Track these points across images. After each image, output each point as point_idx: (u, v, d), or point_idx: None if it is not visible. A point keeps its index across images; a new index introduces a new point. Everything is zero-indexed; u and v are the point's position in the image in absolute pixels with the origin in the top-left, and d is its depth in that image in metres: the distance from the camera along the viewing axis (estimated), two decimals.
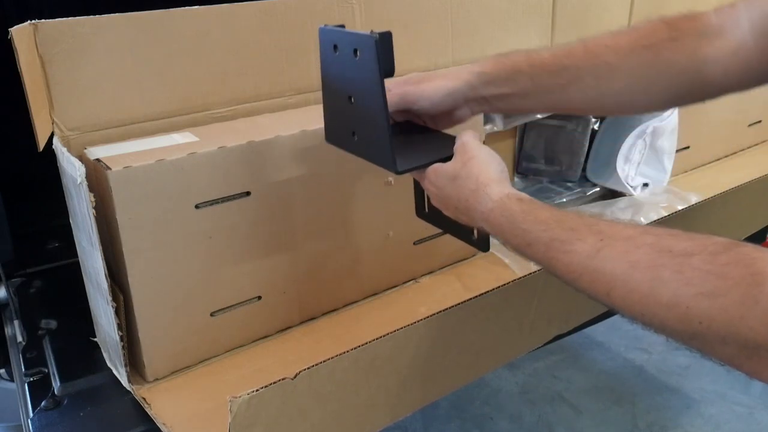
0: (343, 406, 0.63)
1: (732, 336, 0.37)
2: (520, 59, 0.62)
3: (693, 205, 0.95)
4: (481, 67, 0.63)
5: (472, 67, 0.63)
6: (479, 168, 0.57)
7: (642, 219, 0.93)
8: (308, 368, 0.58)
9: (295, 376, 0.57)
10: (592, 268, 0.44)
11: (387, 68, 0.54)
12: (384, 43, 0.53)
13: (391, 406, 0.67)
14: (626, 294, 0.42)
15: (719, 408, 1.79)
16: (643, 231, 0.43)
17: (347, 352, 0.61)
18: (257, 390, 0.54)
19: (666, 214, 0.94)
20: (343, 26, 0.57)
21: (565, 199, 1.03)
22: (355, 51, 0.54)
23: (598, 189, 1.07)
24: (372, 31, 0.53)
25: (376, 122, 0.56)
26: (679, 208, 0.96)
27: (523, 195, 0.53)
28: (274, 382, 0.56)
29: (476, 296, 0.67)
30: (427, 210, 0.66)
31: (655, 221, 0.91)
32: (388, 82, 0.58)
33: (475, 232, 0.61)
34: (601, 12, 1.13)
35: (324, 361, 0.59)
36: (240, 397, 0.53)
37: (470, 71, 0.62)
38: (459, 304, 0.65)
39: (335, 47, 0.57)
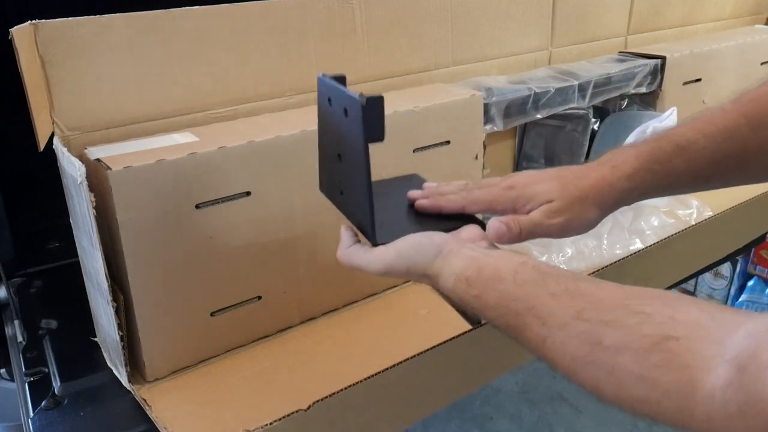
0: (349, 426, 0.63)
1: None
2: (673, 154, 0.55)
3: (704, 221, 0.95)
4: (632, 183, 0.55)
5: (622, 181, 0.55)
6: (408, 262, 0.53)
7: (642, 223, 0.93)
8: (322, 399, 0.58)
9: (308, 408, 0.57)
10: (545, 356, 0.43)
11: (372, 134, 0.50)
12: (372, 108, 0.49)
13: (393, 421, 0.68)
14: (581, 383, 0.41)
15: None
16: (576, 314, 0.41)
17: (360, 382, 0.61)
18: (271, 423, 0.55)
19: (668, 220, 0.94)
20: (343, 77, 0.54)
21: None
22: (345, 110, 0.52)
23: None
24: (361, 94, 0.49)
25: (360, 187, 0.53)
26: (679, 212, 0.96)
27: (470, 275, 0.48)
28: (288, 415, 0.57)
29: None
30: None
31: (656, 225, 0.91)
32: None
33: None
34: (601, 12, 1.13)
35: (338, 392, 0.59)
36: (254, 430, 0.53)
37: (622, 190, 0.55)
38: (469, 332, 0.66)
39: (329, 100, 0.55)
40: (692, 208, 0.97)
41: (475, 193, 0.58)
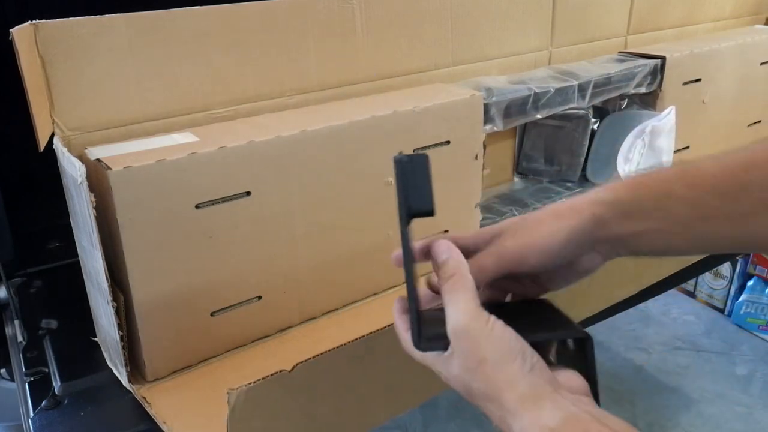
0: (341, 400, 0.63)
1: None
2: (669, 178, 0.44)
3: None
4: (612, 193, 0.45)
5: (595, 195, 0.45)
6: (488, 377, 0.40)
7: None
8: (305, 361, 0.58)
9: (292, 369, 0.57)
10: None
11: (416, 205, 0.41)
12: (411, 166, 0.41)
13: (390, 401, 0.67)
14: None
15: (719, 408, 1.79)
16: None
17: (344, 345, 0.61)
18: (255, 382, 0.54)
19: None
20: (426, 156, 0.42)
21: (564, 199, 1.03)
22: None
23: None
24: (401, 153, 0.41)
25: (406, 279, 0.43)
26: None
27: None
28: (272, 375, 0.56)
29: None
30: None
31: None
32: (474, 239, 0.46)
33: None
34: (601, 12, 1.13)
35: (321, 354, 0.59)
36: (238, 389, 0.53)
37: (595, 202, 0.45)
38: None
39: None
40: None
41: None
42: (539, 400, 0.37)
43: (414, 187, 0.42)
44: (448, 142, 0.80)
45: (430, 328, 0.43)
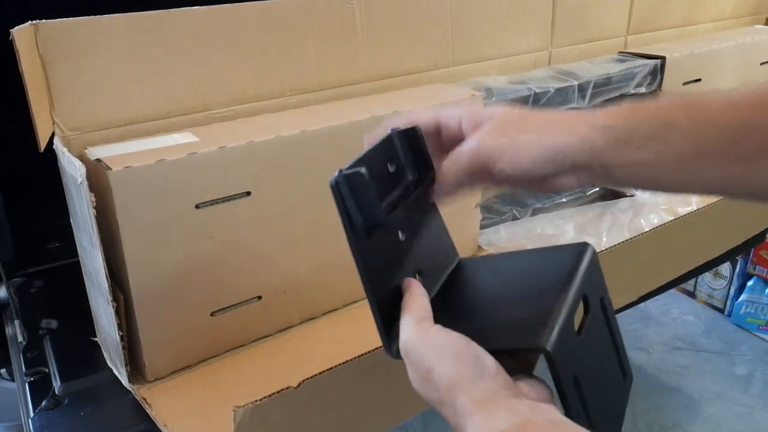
0: (346, 412, 0.63)
1: None
2: (672, 107, 0.40)
3: (695, 210, 0.95)
4: (608, 118, 0.42)
5: (593, 117, 0.42)
6: (438, 385, 0.39)
7: (642, 221, 0.93)
8: (312, 377, 0.58)
9: (298, 385, 0.57)
10: None
11: (366, 219, 0.42)
12: (348, 185, 0.41)
13: (392, 409, 0.67)
14: None
15: (719, 408, 1.79)
16: None
17: (350, 360, 0.61)
18: (260, 399, 0.54)
19: (666, 217, 0.94)
20: (359, 173, 0.42)
21: (564, 200, 1.03)
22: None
23: (598, 189, 1.07)
24: (340, 171, 0.42)
25: (366, 295, 0.44)
26: (680, 209, 0.96)
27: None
28: (278, 392, 0.56)
29: None
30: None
31: (657, 225, 0.91)
32: (462, 120, 0.45)
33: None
34: (601, 12, 1.13)
35: (328, 370, 0.59)
36: (243, 406, 0.53)
37: (590, 123, 0.42)
38: None
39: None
40: (692, 206, 0.97)
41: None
42: (491, 404, 0.37)
43: (357, 203, 0.42)
44: None
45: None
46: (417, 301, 0.44)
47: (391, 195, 0.46)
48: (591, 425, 0.41)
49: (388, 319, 0.44)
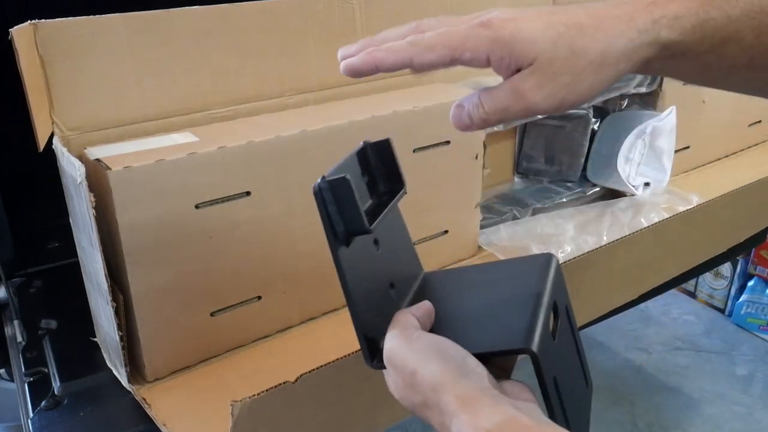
0: (345, 408, 0.63)
1: None
2: (741, 18, 0.37)
3: (694, 207, 0.95)
4: (672, 31, 0.37)
5: (654, 30, 0.38)
6: (422, 387, 0.39)
7: (642, 220, 0.93)
8: (309, 372, 0.58)
9: (296, 380, 0.57)
10: None
11: (348, 227, 0.41)
12: (331, 191, 0.41)
13: (392, 407, 0.67)
14: None
15: (719, 408, 1.79)
16: None
17: (348, 355, 0.61)
18: (258, 394, 0.54)
19: (667, 216, 0.94)
20: (344, 178, 0.42)
21: (565, 199, 1.03)
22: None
23: (598, 189, 1.07)
24: (323, 178, 0.41)
25: (347, 302, 0.44)
26: (680, 209, 0.96)
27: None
28: (276, 386, 0.56)
29: None
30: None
31: (656, 222, 0.91)
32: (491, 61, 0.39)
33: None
34: None
35: (325, 365, 0.59)
36: (241, 400, 0.53)
37: (651, 43, 0.38)
38: None
39: None
40: (693, 204, 0.97)
41: (432, 38, 0.42)
42: (477, 402, 0.36)
43: (340, 210, 0.41)
44: (448, 142, 0.80)
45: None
46: (405, 317, 0.44)
47: (365, 205, 0.46)
48: (569, 427, 0.41)
49: (369, 328, 0.45)
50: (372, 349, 0.44)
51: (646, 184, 1.05)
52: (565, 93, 0.38)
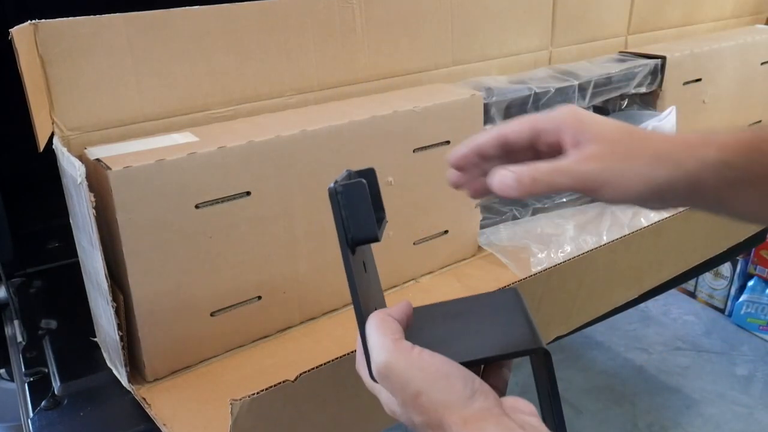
0: (344, 408, 0.63)
1: None
2: None
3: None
4: (723, 151, 0.38)
5: (704, 147, 0.39)
6: (427, 409, 0.38)
7: (642, 220, 0.93)
8: (309, 371, 0.58)
9: (295, 379, 0.57)
10: None
11: (358, 233, 0.41)
12: (347, 195, 0.40)
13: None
14: None
15: (719, 408, 1.79)
16: None
17: (348, 354, 0.61)
18: (258, 393, 0.54)
19: (667, 215, 0.94)
20: (361, 183, 0.42)
21: (564, 199, 1.03)
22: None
23: None
24: (336, 182, 0.40)
25: (355, 309, 0.43)
26: (680, 208, 0.96)
27: None
28: (275, 385, 0.56)
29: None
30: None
31: (656, 222, 0.91)
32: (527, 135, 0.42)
33: None
34: (602, 12, 1.13)
35: (325, 364, 0.59)
36: (241, 399, 0.53)
37: (702, 160, 0.39)
38: None
39: None
40: None
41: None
42: (483, 422, 0.36)
43: (353, 215, 0.41)
44: (448, 142, 0.80)
45: None
46: (387, 321, 0.42)
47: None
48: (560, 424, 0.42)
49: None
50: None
51: None
52: (617, 173, 0.40)
